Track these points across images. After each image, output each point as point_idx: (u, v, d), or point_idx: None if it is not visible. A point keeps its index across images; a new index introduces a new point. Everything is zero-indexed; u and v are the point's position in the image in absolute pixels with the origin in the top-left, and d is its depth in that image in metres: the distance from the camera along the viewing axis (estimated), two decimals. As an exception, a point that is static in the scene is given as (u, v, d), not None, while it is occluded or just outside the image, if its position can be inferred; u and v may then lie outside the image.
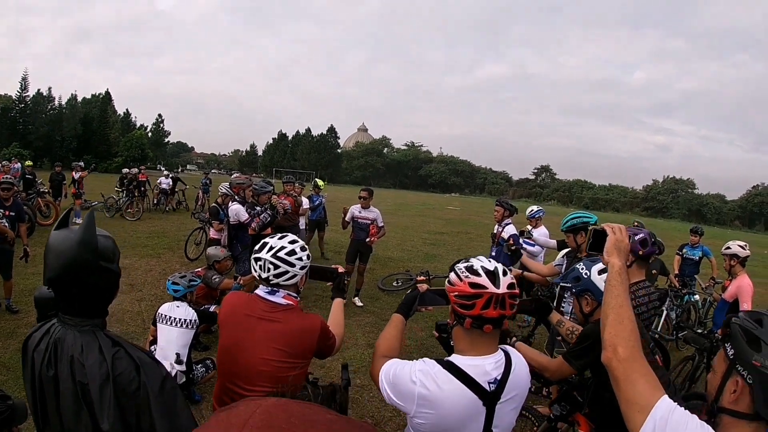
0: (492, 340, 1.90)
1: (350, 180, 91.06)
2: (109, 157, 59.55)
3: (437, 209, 40.43)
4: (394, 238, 17.64)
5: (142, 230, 14.62)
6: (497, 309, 1.80)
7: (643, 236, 3.59)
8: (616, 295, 1.64)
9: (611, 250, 1.75)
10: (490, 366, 1.86)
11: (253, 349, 2.37)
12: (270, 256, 2.41)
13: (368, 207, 8.26)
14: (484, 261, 1.92)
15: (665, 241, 10.98)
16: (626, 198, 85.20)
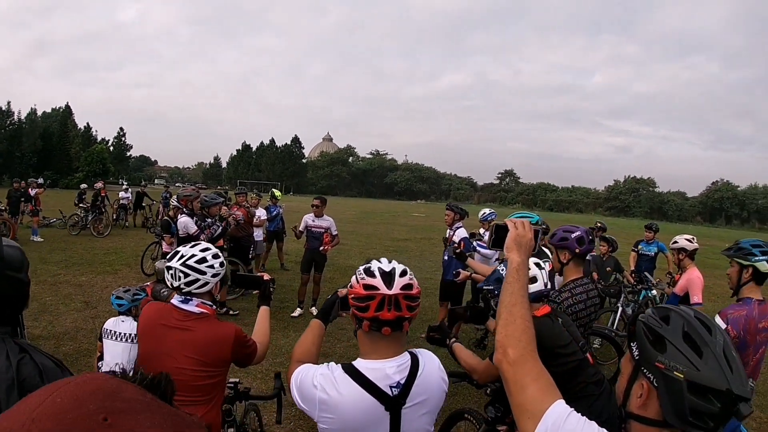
0: (393, 342, 1.86)
1: (316, 190, 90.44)
2: (70, 173, 58.31)
3: (402, 216, 40.59)
4: (357, 246, 17.75)
5: (100, 247, 14.40)
6: (392, 311, 1.77)
7: (580, 234, 3.58)
8: (511, 293, 1.52)
9: (511, 245, 1.65)
10: (392, 369, 1.82)
11: (166, 358, 2.39)
12: (180, 264, 2.46)
13: (321, 215, 8.30)
14: (384, 263, 1.89)
15: (628, 239, 11.29)
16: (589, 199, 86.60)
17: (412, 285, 1.84)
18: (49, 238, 15.20)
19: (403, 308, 1.79)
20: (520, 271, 1.59)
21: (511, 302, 1.51)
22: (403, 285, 1.81)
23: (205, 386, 2.44)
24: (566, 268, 3.64)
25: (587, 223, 27.53)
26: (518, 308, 1.49)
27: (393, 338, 1.84)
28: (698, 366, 1.17)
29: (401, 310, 1.79)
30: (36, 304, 8.12)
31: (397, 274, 1.82)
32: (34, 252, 12.74)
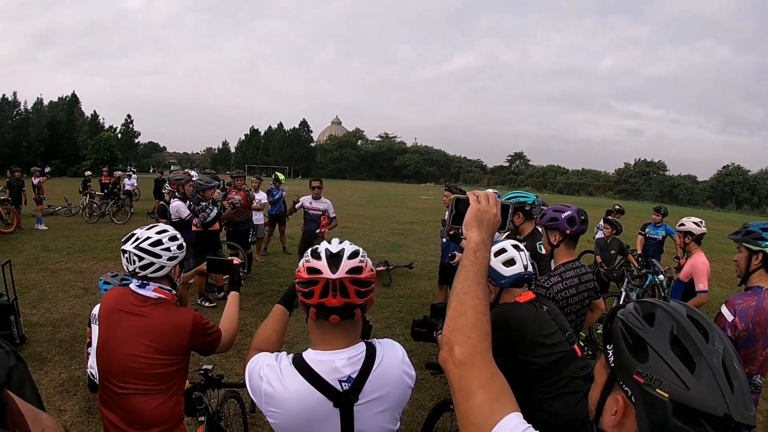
0: (344, 331, 1.70)
1: (325, 173, 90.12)
2: (77, 161, 58.21)
3: (410, 199, 40.23)
4: (362, 230, 17.69)
5: (104, 234, 14.47)
6: (337, 296, 1.60)
7: (571, 214, 3.36)
8: (463, 279, 1.28)
9: (470, 221, 1.39)
10: (342, 362, 1.67)
11: (121, 344, 2.31)
12: (133, 247, 2.38)
13: (319, 198, 8.21)
14: (334, 243, 1.72)
15: (638, 222, 11.12)
16: (599, 182, 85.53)
17: (361, 268, 1.66)
18: (53, 226, 15.28)
19: (351, 294, 1.62)
20: (478, 252, 1.33)
21: (462, 290, 1.27)
22: (350, 268, 1.63)
23: (160, 374, 2.34)
24: (557, 250, 3.45)
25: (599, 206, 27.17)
26: (470, 297, 1.25)
27: (343, 327, 1.68)
28: (688, 383, 0.90)
29: (349, 296, 1.61)
30: (35, 292, 8.16)
31: (345, 256, 1.65)
32: (37, 240, 12.88)
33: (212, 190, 7.43)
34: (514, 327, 2.62)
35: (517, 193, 4.82)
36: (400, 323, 7.51)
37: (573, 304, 3.25)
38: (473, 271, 1.30)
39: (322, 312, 1.64)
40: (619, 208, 10.96)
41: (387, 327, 7.31)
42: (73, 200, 18.85)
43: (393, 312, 8.06)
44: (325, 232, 8.08)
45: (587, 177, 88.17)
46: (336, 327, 1.66)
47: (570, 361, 2.62)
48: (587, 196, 75.37)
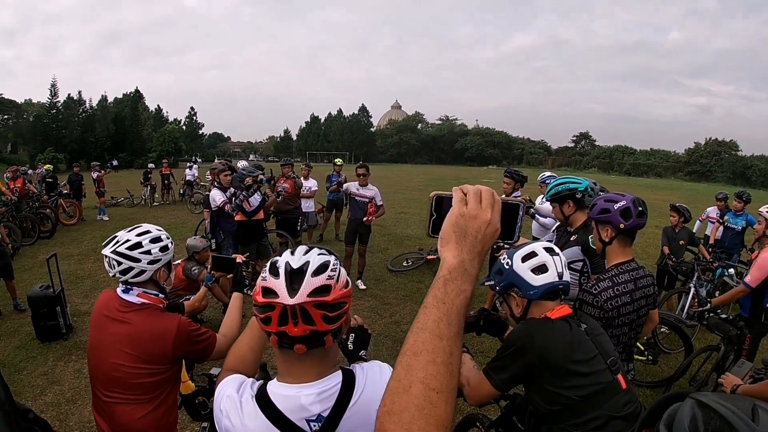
0: (315, 361, 1.37)
1: (385, 158, 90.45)
2: (143, 153, 60.20)
3: (471, 183, 39.22)
4: (418, 215, 17.37)
5: (163, 223, 14.57)
6: (299, 325, 1.26)
7: (625, 204, 2.79)
8: (419, 329, 0.87)
9: (447, 233, 0.95)
10: (309, 398, 1.34)
11: (105, 352, 2.20)
12: (111, 251, 2.22)
13: (366, 184, 7.97)
14: (298, 254, 1.36)
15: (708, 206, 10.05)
16: (668, 162, 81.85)
17: (329, 287, 1.30)
18: (115, 217, 15.78)
19: (317, 320, 1.27)
20: (451, 283, 0.89)
21: (413, 347, 0.86)
22: (314, 289, 1.27)
23: (144, 384, 2.19)
24: (609, 248, 2.88)
25: (669, 188, 26.07)
26: (423, 362, 0.84)
27: (312, 356, 1.35)
28: None
29: (314, 324, 1.27)
30: (89, 282, 8.33)
31: (308, 273, 1.29)
32: (98, 231, 13.26)
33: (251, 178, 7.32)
34: (540, 349, 2.14)
35: (566, 178, 4.07)
36: (447, 315, 7.16)
37: (626, 314, 2.72)
38: (436, 316, 0.87)
39: (284, 341, 1.31)
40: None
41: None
42: (136, 192, 19.45)
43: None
44: (372, 220, 7.85)
45: (656, 157, 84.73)
46: (303, 357, 1.33)
47: (610, 396, 2.12)
48: (656, 177, 72.55)
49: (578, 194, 3.80)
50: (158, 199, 19.77)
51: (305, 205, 10.81)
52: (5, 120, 62.76)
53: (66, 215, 14.45)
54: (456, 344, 0.87)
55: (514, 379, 2.23)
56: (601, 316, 2.61)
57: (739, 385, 2.91)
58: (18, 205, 12.22)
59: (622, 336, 2.74)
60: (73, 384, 5.00)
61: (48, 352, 5.75)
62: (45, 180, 15.15)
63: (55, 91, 59.87)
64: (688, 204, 7.87)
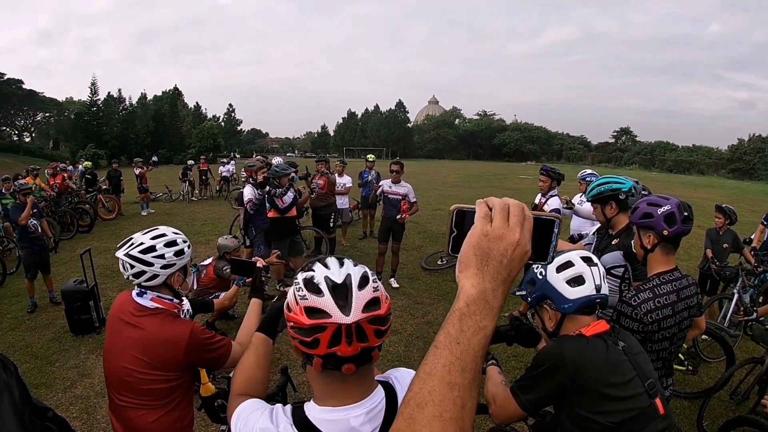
0: (359, 380, 1.24)
1: (422, 154, 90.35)
2: (182, 149, 61.55)
3: (509, 179, 38.81)
4: (454, 212, 17.22)
5: (200, 218, 15.12)
6: (353, 344, 1.14)
7: (670, 209, 2.54)
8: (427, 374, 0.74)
9: (467, 256, 0.80)
10: (359, 419, 1.22)
11: (118, 356, 2.15)
12: (124, 254, 2.15)
13: (399, 182, 7.84)
14: (334, 266, 1.22)
15: (752, 206, 9.29)
16: (711, 159, 79.60)
17: (378, 300, 1.18)
18: (153, 212, 16.13)
19: (370, 336, 1.15)
20: (467, 318, 0.76)
21: (419, 397, 0.73)
22: (366, 303, 1.15)
23: (156, 390, 2.13)
24: (651, 256, 2.65)
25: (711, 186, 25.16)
26: (428, 417, 0.71)
27: (358, 375, 1.21)
28: None
29: (367, 340, 1.15)
30: (125, 276, 8.36)
31: (354, 286, 1.17)
32: (136, 226, 13.32)
33: (288, 176, 7.27)
34: (572, 370, 1.94)
35: (609, 177, 3.79)
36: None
37: (667, 328, 2.49)
38: (448, 360, 0.73)
39: (331, 362, 1.17)
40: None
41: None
42: (174, 187, 19.85)
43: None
44: (405, 218, 7.73)
45: (698, 154, 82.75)
46: (348, 377, 1.20)
47: (647, 422, 1.94)
48: (698, 174, 70.79)
49: (622, 195, 3.53)
50: (196, 194, 20.06)
51: (340, 201, 10.76)
52: (47, 117, 64.86)
53: (105, 210, 14.81)
54: (470, 394, 0.73)
55: (543, 400, 2.05)
56: (640, 330, 2.41)
57: None
58: (57, 201, 12.55)
59: (662, 351, 2.54)
60: (103, 377, 4.97)
61: (80, 345, 5.83)
62: (84, 176, 15.44)
63: (96, 89, 61.50)
64: (731, 204, 7.48)
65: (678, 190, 28.57)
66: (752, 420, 3.63)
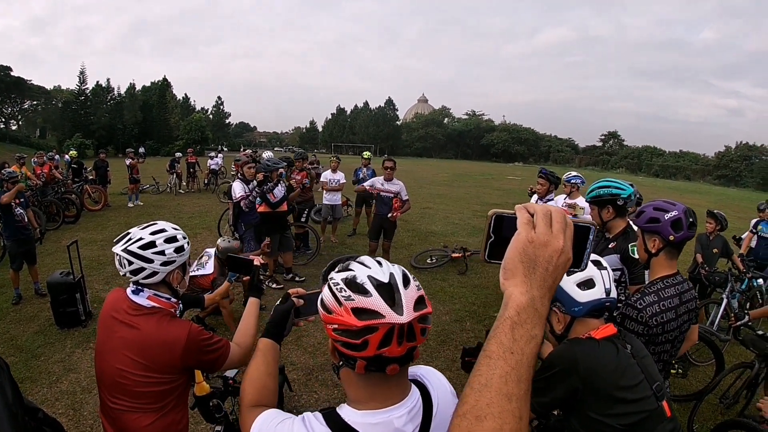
0: (399, 380, 1.21)
1: (410, 152, 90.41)
2: (170, 141, 60.96)
3: (497, 179, 39.00)
4: (443, 211, 17.22)
5: (187, 211, 14.97)
6: (403, 344, 1.11)
7: (677, 215, 2.59)
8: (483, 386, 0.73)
9: (513, 262, 0.79)
10: (402, 420, 1.19)
11: (111, 357, 2.05)
12: (122, 249, 2.07)
13: (392, 179, 7.80)
14: (373, 266, 1.19)
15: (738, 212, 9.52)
16: (698, 165, 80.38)
17: (423, 298, 1.16)
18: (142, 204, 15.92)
19: (418, 336, 1.13)
20: (519, 327, 0.75)
21: (477, 410, 0.72)
22: (415, 302, 1.13)
23: (152, 393, 2.04)
24: (655, 260, 2.68)
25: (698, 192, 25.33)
26: (485, 429, 0.70)
27: (399, 375, 1.18)
28: None
29: (415, 339, 1.13)
30: (111, 268, 8.25)
31: (400, 284, 1.14)
32: (122, 217, 13.40)
33: (278, 171, 7.20)
34: (585, 373, 1.94)
35: (610, 181, 3.74)
36: (471, 317, 7.02)
37: (669, 331, 2.53)
38: (503, 370, 0.72)
39: (375, 364, 1.13)
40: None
41: (457, 321, 6.85)
42: (161, 179, 19.63)
43: (465, 304, 7.55)
44: (397, 216, 7.71)
45: (685, 160, 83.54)
46: (390, 378, 1.17)
47: (655, 424, 1.94)
48: (685, 180, 71.50)
49: (620, 201, 3.56)
50: (184, 187, 19.88)
51: (332, 197, 10.78)
52: (34, 106, 63.78)
53: (91, 201, 14.62)
54: (526, 405, 0.72)
55: (554, 403, 2.05)
56: (645, 332, 2.44)
57: None
58: (43, 190, 12.38)
59: (664, 353, 2.57)
60: (89, 372, 4.93)
61: (66, 339, 5.72)
62: (71, 166, 15.24)
63: (84, 78, 60.70)
64: (718, 209, 7.57)
65: (665, 195, 28.72)
66: (744, 423, 3.68)
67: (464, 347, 2.37)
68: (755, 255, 7.91)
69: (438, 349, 5.91)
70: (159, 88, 68.82)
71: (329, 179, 10.96)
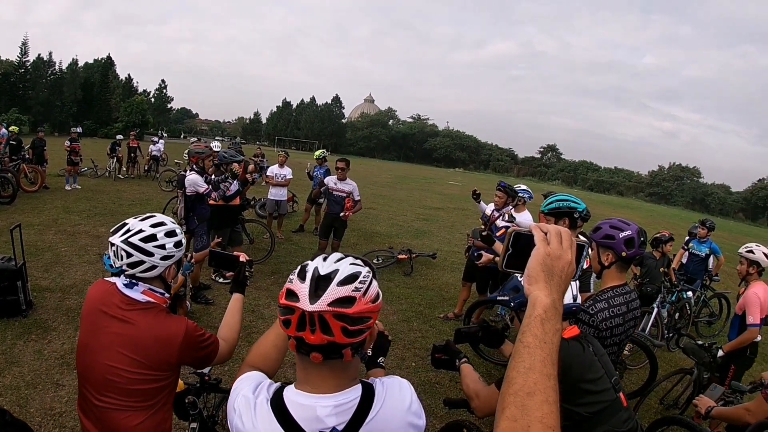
0: (333, 372, 1.30)
1: (354, 151, 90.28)
2: (109, 123, 58.92)
3: (438, 183, 39.69)
4: (386, 212, 17.35)
5: (127, 197, 14.51)
6: (317, 333, 1.20)
7: (630, 235, 2.86)
8: (527, 369, 0.88)
9: (536, 272, 0.98)
10: (326, 410, 1.27)
11: (101, 353, 1.98)
12: (121, 241, 2.01)
13: (345, 179, 7.86)
14: (330, 261, 1.32)
15: (668, 228, 10.21)
16: (631, 182, 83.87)
17: (353, 299, 1.23)
18: (80, 187, 15.26)
19: (336, 332, 1.20)
20: (548, 322, 0.92)
21: (524, 387, 0.86)
22: (336, 299, 1.21)
23: (144, 390, 2.01)
24: (606, 272, 2.95)
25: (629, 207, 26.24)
26: (538, 403, 0.84)
27: (330, 367, 1.29)
28: None
29: (332, 335, 1.20)
30: (50, 255, 7.99)
31: (336, 280, 1.24)
32: (59, 200, 12.82)
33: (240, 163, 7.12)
34: (562, 367, 2.09)
35: (567, 196, 4.07)
36: (418, 318, 7.15)
37: (617, 335, 2.83)
38: (541, 356, 0.89)
39: (301, 347, 1.26)
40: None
41: (404, 321, 6.98)
42: (101, 162, 18.86)
43: (412, 304, 7.69)
44: (348, 216, 7.78)
45: (619, 176, 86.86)
46: (321, 366, 1.27)
47: (614, 412, 2.21)
48: (617, 195, 74.48)
49: (576, 214, 3.89)
50: (123, 172, 19.24)
51: (278, 193, 10.73)
52: (-31, 75, 60.59)
53: (27, 181, 13.86)
54: (557, 382, 0.89)
55: None
56: (595, 335, 2.69)
57: (713, 407, 3.25)
58: (-21, 167, 11.72)
59: (612, 354, 2.78)
60: (33, 366, 4.72)
61: (6, 330, 5.38)
62: (9, 142, 14.52)
63: (26, 50, 58.38)
64: (647, 226, 8.01)
65: (599, 209, 29.76)
66: (679, 419, 4.03)
67: (434, 344, 2.60)
68: (686, 270, 8.55)
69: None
70: (102, 66, 66.53)
71: (275, 174, 10.92)
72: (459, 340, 2.62)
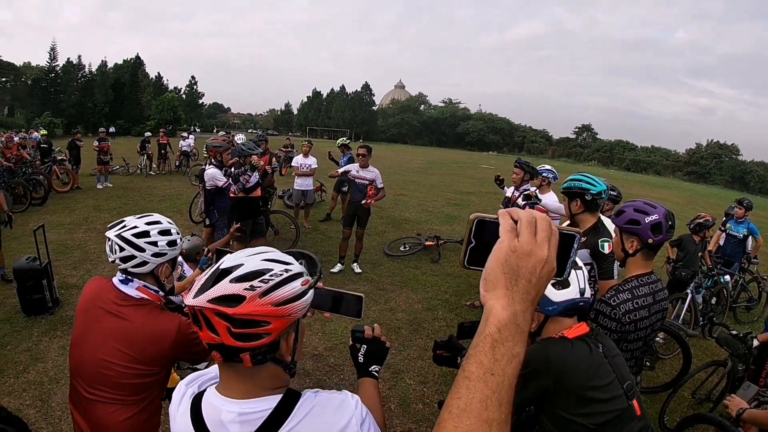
0: (240, 377, 1.17)
1: (386, 137, 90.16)
2: (141, 121, 59.99)
3: (471, 167, 38.88)
4: (416, 198, 17.21)
5: (157, 194, 14.70)
6: (204, 330, 1.09)
7: (657, 219, 2.57)
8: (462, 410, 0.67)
9: (494, 273, 0.74)
10: (229, 416, 1.15)
11: (94, 347, 2.02)
12: (115, 235, 2.05)
13: (367, 166, 7.76)
14: (244, 253, 1.18)
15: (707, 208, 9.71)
16: (668, 161, 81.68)
17: (240, 298, 1.07)
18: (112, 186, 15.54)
19: (221, 333, 1.06)
20: (500, 345, 0.70)
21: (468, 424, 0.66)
22: (219, 296, 1.07)
23: (134, 385, 2.03)
24: (631, 260, 2.67)
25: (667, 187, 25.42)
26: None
27: (235, 371, 1.16)
28: None
29: (218, 335, 1.07)
30: (79, 253, 8.12)
31: (230, 276, 1.09)
32: (91, 199, 13.06)
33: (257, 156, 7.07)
34: (557, 373, 1.95)
35: (583, 176, 3.73)
36: (444, 306, 7.04)
37: (642, 329, 2.53)
38: (484, 394, 0.67)
39: (208, 344, 1.13)
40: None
41: (429, 309, 6.86)
42: (132, 160, 19.17)
43: (438, 292, 7.57)
44: (370, 203, 7.68)
45: (656, 155, 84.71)
46: (228, 368, 1.17)
47: (625, 423, 1.95)
48: (655, 175, 72.67)
49: (588, 196, 3.58)
50: (154, 169, 19.48)
51: (303, 183, 10.69)
52: (3, 83, 62.36)
53: (59, 182, 14.17)
54: (507, 429, 0.67)
55: (525, 402, 2.08)
56: (617, 329, 2.45)
57: (745, 408, 2.90)
58: (12, 171, 11.99)
59: (636, 350, 2.60)
60: (57, 362, 4.82)
61: (33, 327, 5.55)
62: (39, 146, 14.83)
63: (55, 54, 59.47)
64: (685, 207, 7.72)
65: (636, 189, 29.23)
66: (710, 418, 3.78)
67: (436, 340, 2.39)
68: (723, 252, 8.11)
69: (410, 338, 5.93)
70: (131, 66, 67.53)
71: (300, 164, 10.90)
72: (462, 334, 2.43)
